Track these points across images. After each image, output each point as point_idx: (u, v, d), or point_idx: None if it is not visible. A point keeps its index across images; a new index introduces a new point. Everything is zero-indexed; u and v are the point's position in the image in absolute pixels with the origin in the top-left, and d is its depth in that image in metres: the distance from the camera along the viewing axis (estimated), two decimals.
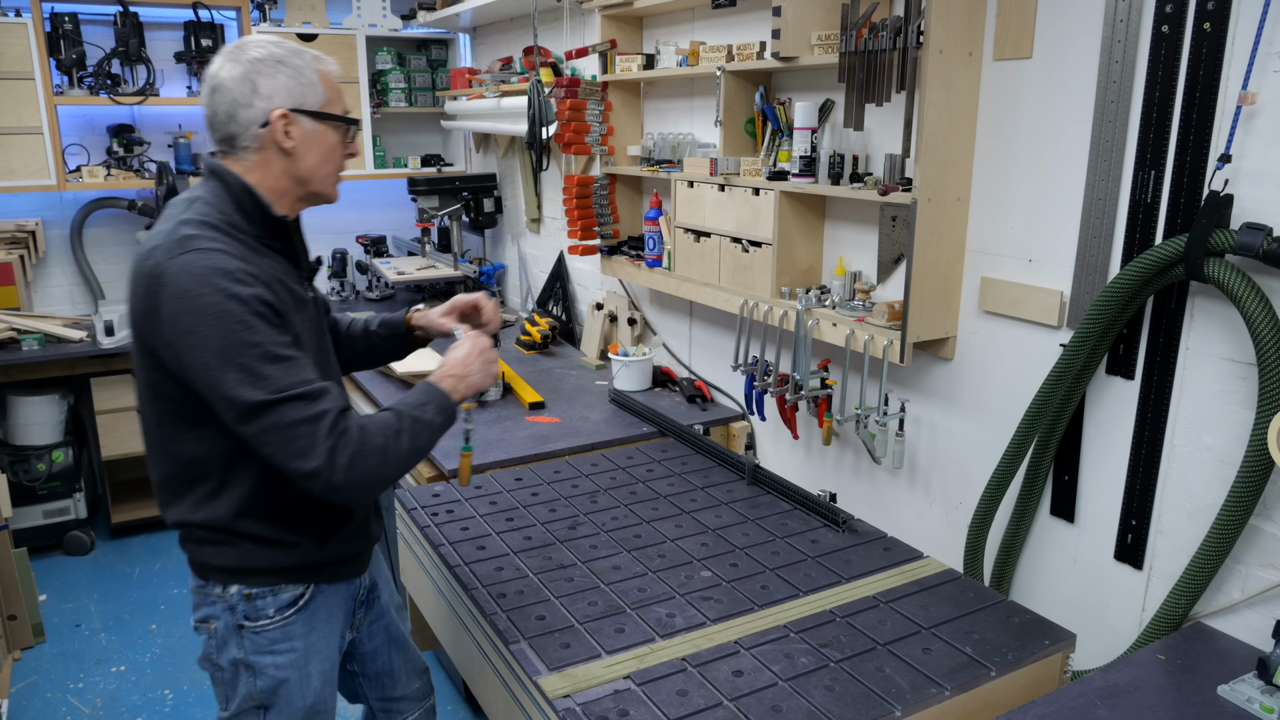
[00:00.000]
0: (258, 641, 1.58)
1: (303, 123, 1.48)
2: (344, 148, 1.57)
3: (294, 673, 1.61)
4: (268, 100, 1.44)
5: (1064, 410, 1.96)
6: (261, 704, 1.61)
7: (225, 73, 1.44)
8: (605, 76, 3.16)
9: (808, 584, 1.92)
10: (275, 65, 1.45)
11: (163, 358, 1.41)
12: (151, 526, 4.19)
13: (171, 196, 3.92)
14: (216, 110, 1.46)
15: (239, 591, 1.55)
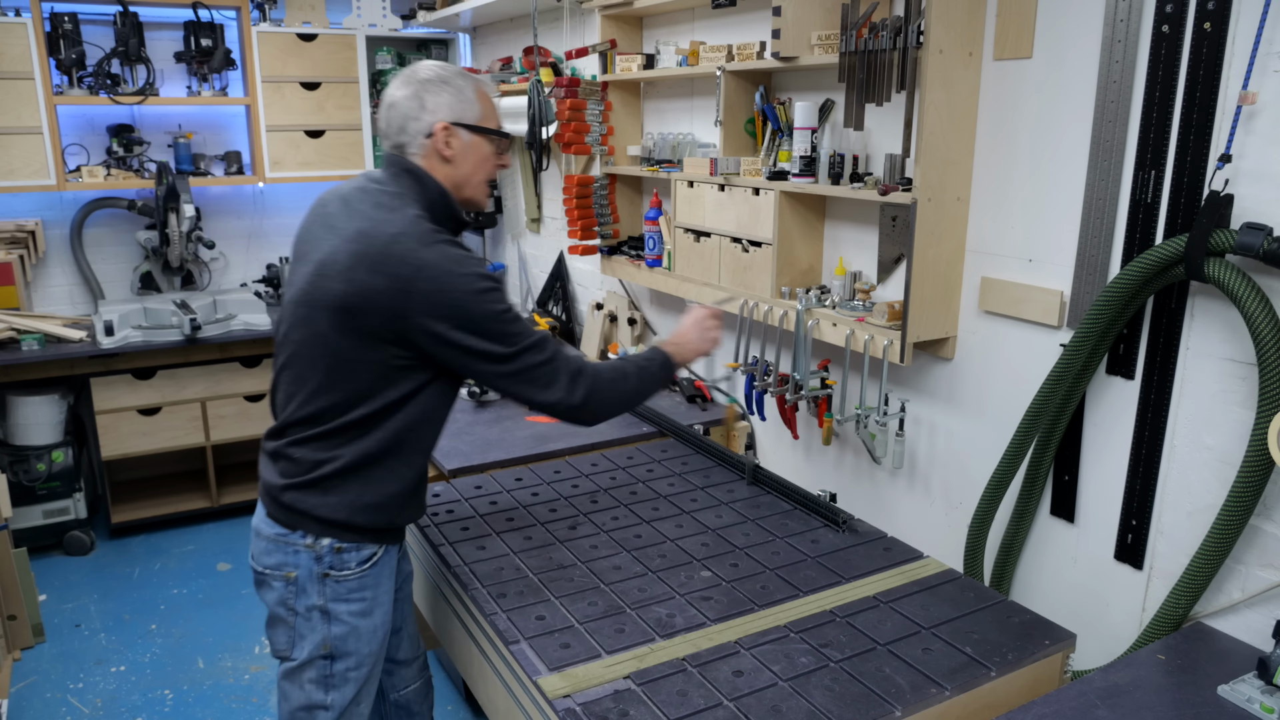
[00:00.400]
0: (338, 590, 1.74)
1: (461, 134, 1.71)
2: (496, 159, 1.79)
3: (364, 621, 1.77)
4: (433, 114, 1.69)
5: (1064, 410, 1.96)
6: (331, 652, 1.75)
7: (399, 93, 1.70)
8: (605, 76, 3.16)
9: (808, 584, 1.92)
10: (440, 85, 1.70)
11: (400, 325, 1.60)
12: (151, 526, 4.19)
13: (171, 196, 3.96)
14: (390, 123, 1.71)
15: (331, 544, 1.72)
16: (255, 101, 4.31)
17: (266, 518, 1.76)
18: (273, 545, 1.74)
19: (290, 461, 1.72)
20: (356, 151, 4.58)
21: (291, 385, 1.72)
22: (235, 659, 3.18)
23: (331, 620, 1.74)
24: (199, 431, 4.08)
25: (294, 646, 1.76)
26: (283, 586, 1.74)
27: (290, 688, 1.78)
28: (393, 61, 4.81)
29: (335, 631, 1.74)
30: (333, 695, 1.77)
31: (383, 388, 1.66)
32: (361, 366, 1.64)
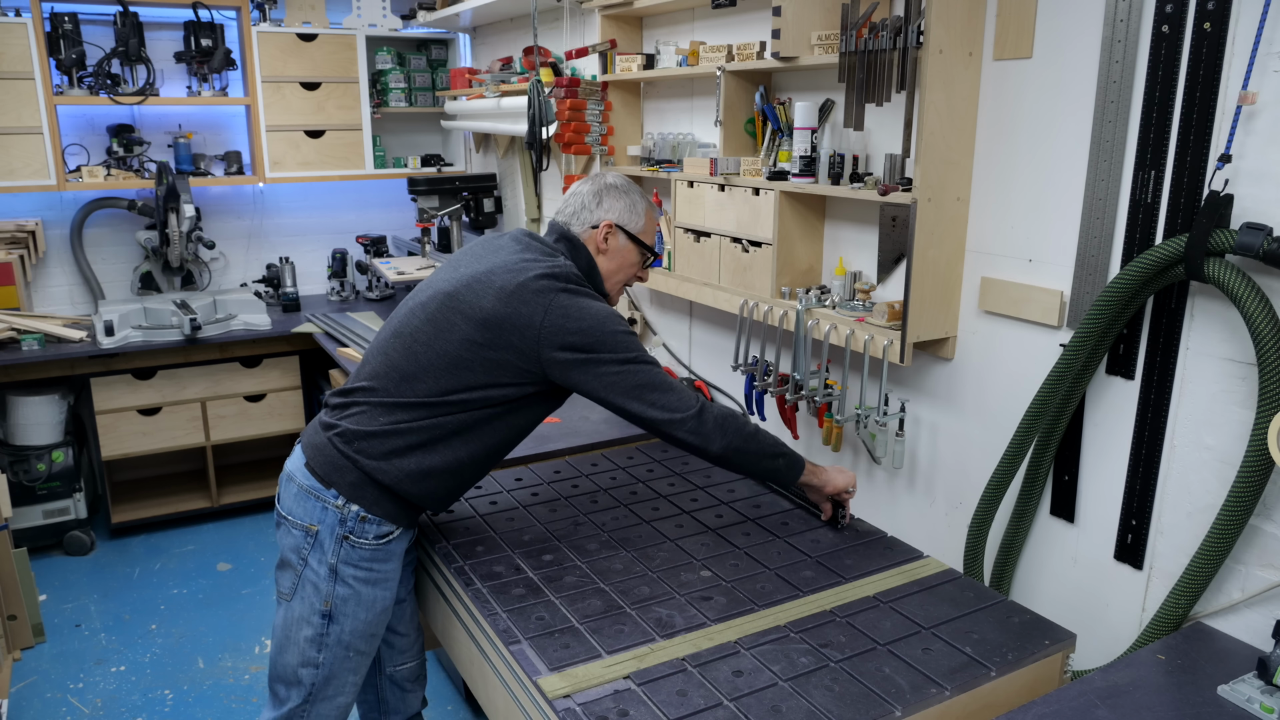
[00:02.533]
0: (352, 554, 1.86)
1: (619, 236, 2.03)
2: (638, 270, 2.09)
3: (366, 590, 1.89)
4: (605, 212, 2.02)
5: (1064, 410, 1.96)
6: (330, 611, 1.88)
7: (584, 188, 2.04)
8: (605, 76, 3.16)
9: (808, 584, 1.92)
10: (620, 193, 2.04)
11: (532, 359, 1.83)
12: (151, 526, 4.19)
13: (171, 196, 3.97)
14: (568, 205, 2.03)
15: (358, 511, 1.85)
16: (255, 101, 4.31)
17: (304, 467, 1.88)
18: (303, 495, 1.87)
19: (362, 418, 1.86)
20: (356, 151, 4.58)
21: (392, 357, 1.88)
22: (235, 659, 3.18)
23: (338, 580, 1.86)
24: (199, 431, 4.08)
25: (295, 593, 1.89)
26: (301, 535, 1.88)
27: (286, 643, 1.90)
28: (393, 61, 4.81)
29: (339, 592, 1.86)
30: (324, 655, 1.89)
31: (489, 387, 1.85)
32: (478, 367, 1.83)
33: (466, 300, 1.85)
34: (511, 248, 1.94)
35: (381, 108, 4.75)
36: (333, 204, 4.90)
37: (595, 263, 2.01)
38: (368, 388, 1.89)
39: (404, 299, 1.98)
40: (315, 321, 4.14)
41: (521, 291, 1.82)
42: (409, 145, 5.09)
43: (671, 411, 1.85)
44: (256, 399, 4.16)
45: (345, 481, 1.85)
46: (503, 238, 2.01)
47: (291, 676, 1.91)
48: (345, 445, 1.86)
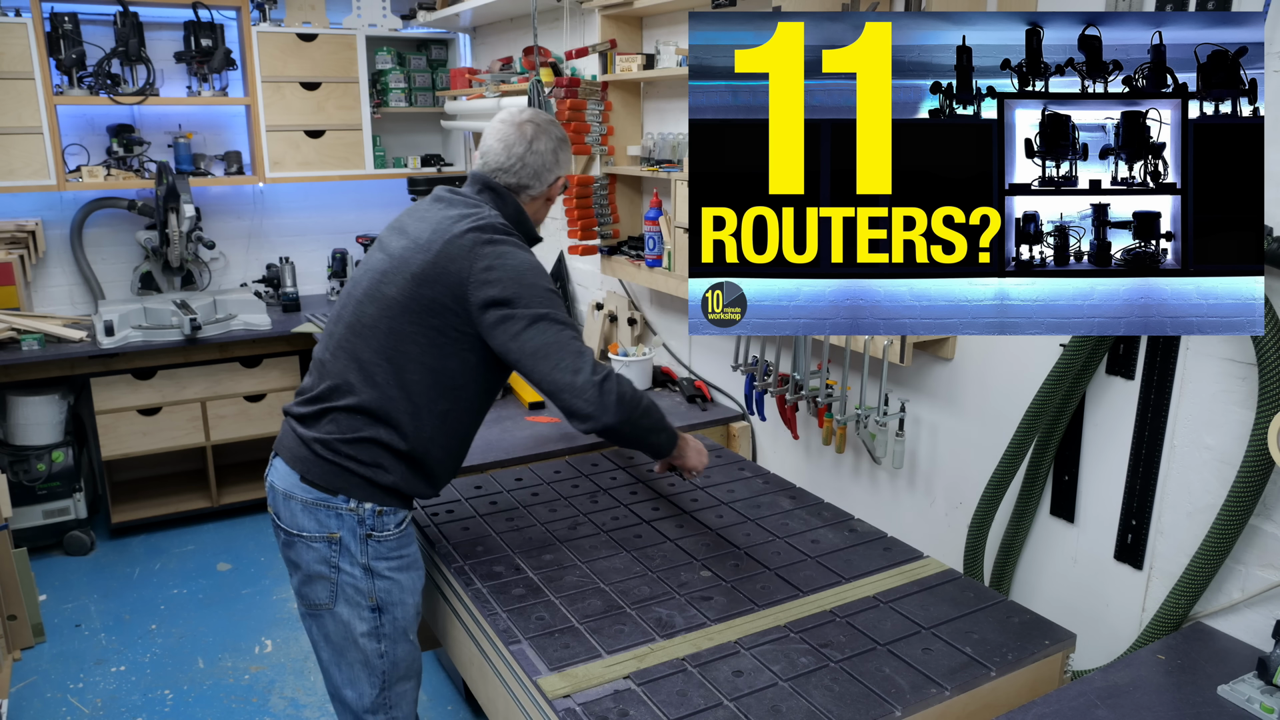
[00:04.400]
0: (379, 549, 1.87)
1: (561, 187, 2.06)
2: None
3: (404, 576, 1.91)
4: (563, 169, 2.01)
5: (1064, 410, 1.96)
6: (378, 604, 1.88)
7: (542, 145, 1.96)
8: (605, 76, 3.16)
9: (808, 584, 1.92)
10: (564, 145, 2.01)
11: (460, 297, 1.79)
12: (151, 526, 4.19)
13: (171, 196, 3.96)
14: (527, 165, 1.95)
15: (373, 508, 1.85)
16: (255, 101, 4.31)
17: (301, 482, 1.85)
18: (309, 509, 1.85)
19: (340, 423, 1.84)
20: (356, 151, 4.58)
21: (350, 353, 1.85)
22: (235, 659, 3.18)
23: (375, 576, 1.87)
24: (199, 431, 4.08)
25: (335, 599, 1.88)
26: (324, 546, 1.86)
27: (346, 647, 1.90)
28: (393, 61, 4.81)
29: (380, 586, 1.88)
30: (385, 644, 1.91)
31: (441, 363, 1.83)
32: (421, 337, 1.81)
33: (399, 275, 1.83)
34: (433, 210, 1.92)
35: (381, 108, 4.75)
36: (333, 204, 4.90)
37: (521, 209, 1.97)
38: (335, 388, 1.85)
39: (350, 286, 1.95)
40: (315, 321, 4.14)
41: (448, 249, 1.80)
42: (409, 145, 5.09)
43: (575, 374, 1.78)
44: (256, 399, 4.16)
45: (350, 485, 1.84)
46: (423, 202, 1.99)
47: (358, 676, 1.91)
48: (334, 454, 1.83)
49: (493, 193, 1.95)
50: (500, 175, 1.95)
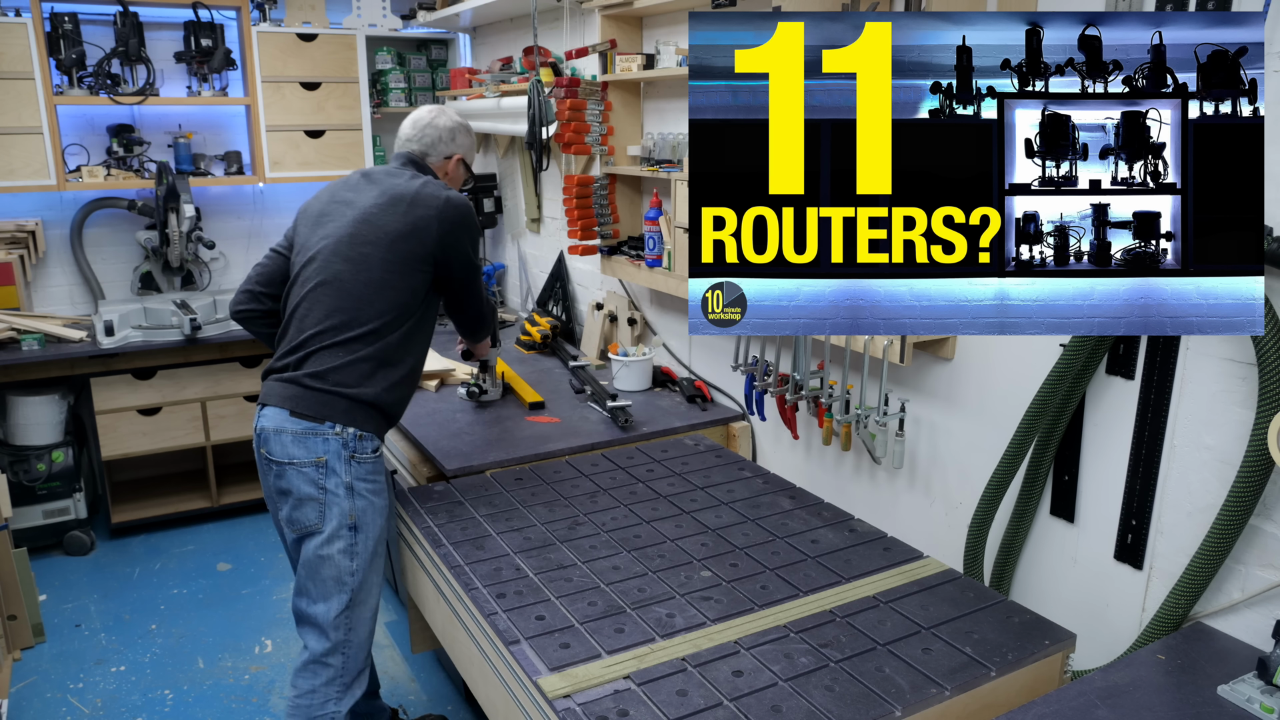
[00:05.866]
0: (360, 470, 2.11)
1: (460, 167, 2.46)
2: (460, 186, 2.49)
3: (377, 499, 2.15)
4: (458, 147, 2.43)
5: (1064, 410, 1.96)
6: (355, 523, 2.10)
7: (443, 122, 2.40)
8: (605, 76, 3.16)
9: (808, 584, 1.92)
10: (466, 131, 2.46)
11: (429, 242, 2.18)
12: (151, 526, 4.19)
13: (171, 196, 3.96)
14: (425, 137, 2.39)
15: (355, 432, 2.10)
16: (255, 101, 4.31)
17: (291, 416, 2.09)
18: (299, 438, 2.08)
19: (325, 358, 2.11)
20: (356, 151, 4.58)
21: (328, 303, 2.13)
22: (235, 659, 3.18)
23: (355, 495, 2.10)
24: (199, 431, 4.08)
25: (323, 519, 2.08)
26: (313, 470, 2.07)
27: (321, 564, 2.08)
28: (393, 61, 4.81)
29: (359, 504, 2.10)
30: (357, 563, 2.11)
31: (407, 300, 2.17)
32: (400, 286, 2.16)
33: (372, 231, 2.17)
34: (382, 177, 2.28)
35: (381, 108, 4.75)
36: None
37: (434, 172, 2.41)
38: (318, 333, 2.13)
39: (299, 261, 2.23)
40: None
41: (418, 198, 2.19)
42: None
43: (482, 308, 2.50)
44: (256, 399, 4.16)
45: (338, 410, 2.10)
46: (354, 176, 2.33)
47: (329, 592, 2.09)
48: (322, 383, 2.09)
49: (411, 162, 2.37)
50: (408, 145, 2.39)
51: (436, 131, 2.39)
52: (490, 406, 3.04)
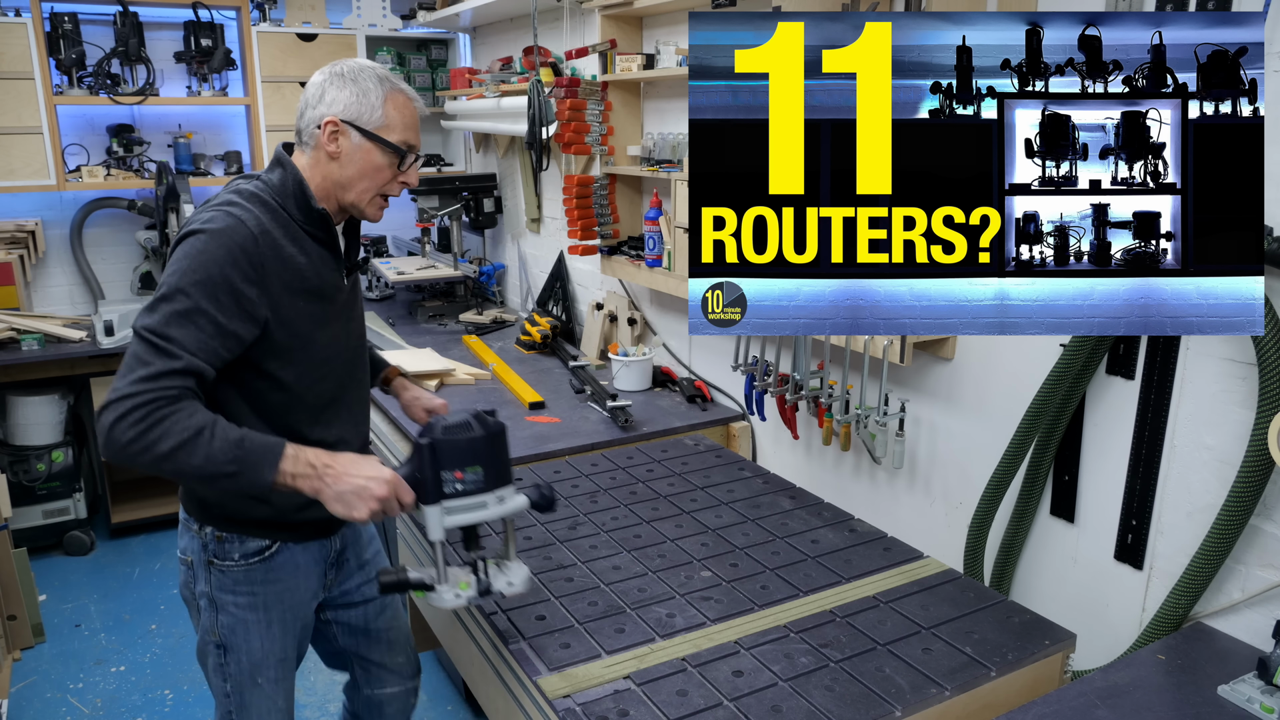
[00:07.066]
0: (223, 580, 1.71)
1: (351, 136, 1.63)
2: (392, 172, 1.67)
3: (253, 615, 1.73)
4: (328, 107, 1.62)
5: (1064, 410, 1.96)
6: (221, 642, 1.74)
7: (315, 79, 1.66)
8: (605, 76, 3.16)
9: (808, 584, 1.92)
10: (346, 81, 1.63)
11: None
12: (151, 526, 4.18)
13: (171, 196, 3.96)
14: (298, 106, 1.67)
15: (211, 532, 1.69)
16: (255, 101, 4.31)
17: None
18: (181, 528, 1.76)
19: None
20: None
21: None
22: None
23: (219, 609, 1.72)
24: None
25: (197, 628, 1.79)
26: (184, 570, 1.76)
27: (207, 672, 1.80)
28: (393, 61, 4.81)
29: (223, 620, 1.73)
30: (230, 685, 1.76)
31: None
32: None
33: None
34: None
35: None
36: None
37: (302, 181, 1.64)
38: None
39: None
40: None
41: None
42: None
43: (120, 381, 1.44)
44: None
45: (192, 504, 1.71)
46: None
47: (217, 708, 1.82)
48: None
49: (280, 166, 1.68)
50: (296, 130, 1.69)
51: (304, 95, 1.65)
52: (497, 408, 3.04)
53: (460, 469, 1.56)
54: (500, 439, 1.61)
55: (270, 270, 1.56)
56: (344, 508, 1.51)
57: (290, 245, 1.60)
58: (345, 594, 1.94)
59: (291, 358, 1.62)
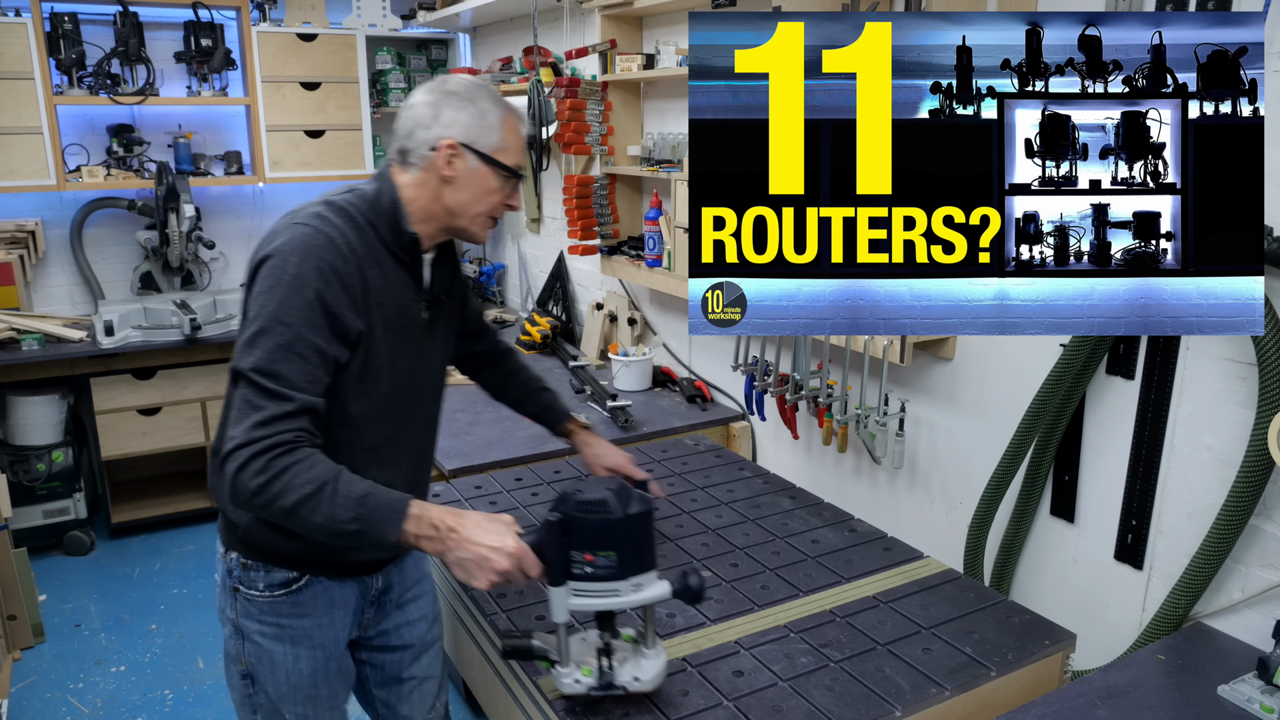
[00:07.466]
0: (248, 608, 1.61)
1: (468, 158, 1.55)
2: (502, 195, 1.61)
3: (279, 648, 1.62)
4: (445, 128, 1.53)
5: (1064, 410, 1.96)
6: (248, 671, 1.64)
7: (420, 98, 1.56)
8: (605, 76, 3.16)
9: (808, 584, 1.92)
10: (463, 101, 1.55)
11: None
12: (151, 526, 4.18)
13: (171, 196, 3.96)
14: (402, 125, 1.57)
15: (237, 558, 1.60)
16: (255, 101, 4.31)
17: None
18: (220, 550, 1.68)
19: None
20: (356, 151, 4.58)
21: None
22: None
23: (245, 638, 1.62)
24: (199, 431, 4.08)
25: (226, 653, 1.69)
26: (217, 588, 1.68)
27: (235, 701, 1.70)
28: (393, 61, 4.81)
29: (249, 650, 1.63)
30: (261, 715, 1.66)
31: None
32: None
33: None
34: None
35: (381, 108, 4.75)
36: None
37: (398, 201, 1.54)
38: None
39: None
40: None
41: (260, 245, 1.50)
42: None
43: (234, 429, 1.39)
44: None
45: (225, 527, 1.62)
46: None
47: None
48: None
49: (379, 181, 1.58)
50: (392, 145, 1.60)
51: (413, 113, 1.55)
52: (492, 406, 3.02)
53: (591, 551, 1.42)
54: (642, 522, 1.45)
55: (357, 290, 1.48)
56: (464, 574, 1.44)
57: (373, 266, 1.51)
58: (382, 634, 1.77)
59: (363, 388, 1.52)
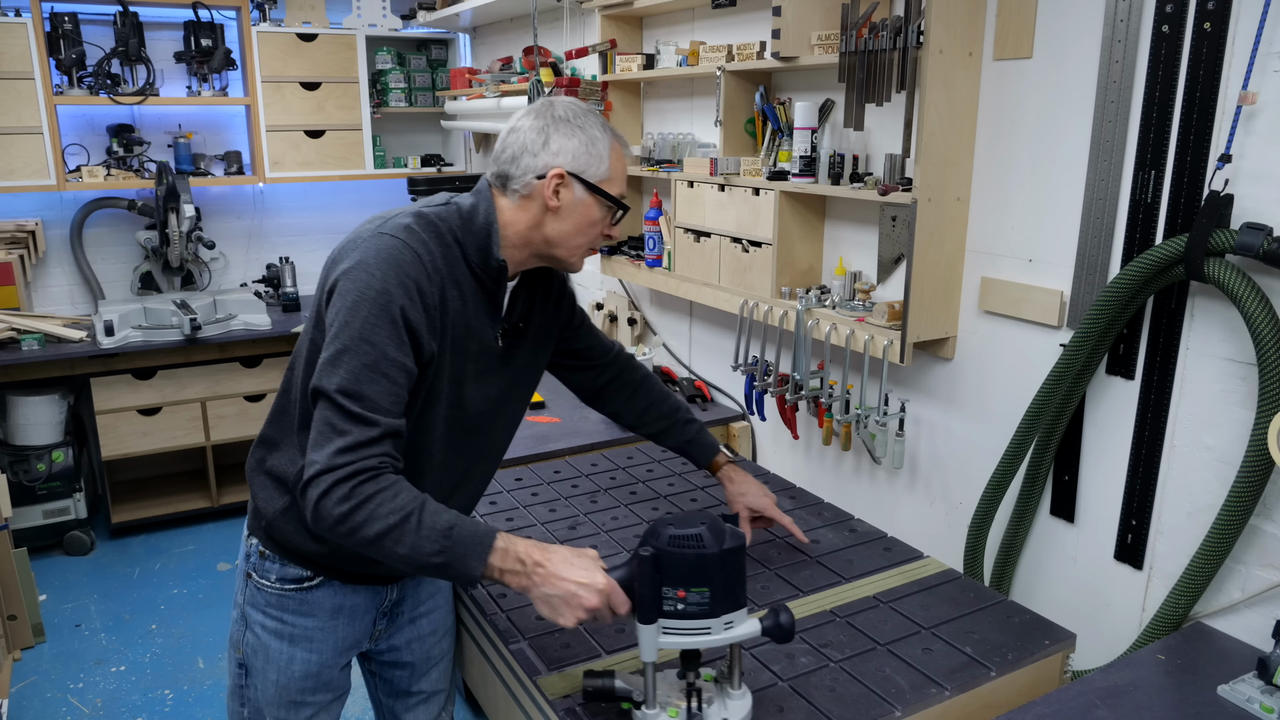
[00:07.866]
0: (255, 597, 1.59)
1: (575, 189, 1.49)
2: (604, 226, 1.55)
3: (275, 644, 1.59)
4: (553, 157, 1.47)
5: (1064, 410, 1.96)
6: (244, 661, 1.62)
7: (527, 122, 1.50)
8: (605, 76, 3.16)
9: (808, 584, 1.92)
10: (573, 129, 1.48)
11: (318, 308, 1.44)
12: (151, 526, 4.19)
13: (171, 196, 3.97)
14: (506, 148, 1.50)
15: (256, 546, 1.59)
16: (255, 101, 4.31)
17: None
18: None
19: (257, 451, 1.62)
20: (356, 152, 4.58)
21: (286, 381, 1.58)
22: None
23: (248, 626, 1.60)
24: (199, 431, 4.08)
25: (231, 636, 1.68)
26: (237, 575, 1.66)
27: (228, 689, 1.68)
28: (393, 61, 4.81)
29: (249, 639, 1.60)
30: (248, 710, 1.64)
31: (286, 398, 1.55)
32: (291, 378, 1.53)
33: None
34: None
35: (381, 108, 4.75)
36: (333, 204, 4.90)
37: (492, 225, 1.49)
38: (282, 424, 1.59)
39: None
40: None
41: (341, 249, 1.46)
42: (409, 145, 5.09)
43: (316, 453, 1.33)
44: (256, 399, 4.16)
45: (255, 508, 1.58)
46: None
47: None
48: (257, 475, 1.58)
49: (477, 199, 1.52)
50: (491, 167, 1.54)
51: (519, 138, 1.49)
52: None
53: (684, 587, 1.36)
54: (735, 557, 1.38)
55: (436, 310, 1.42)
56: (550, 611, 1.38)
57: (452, 287, 1.45)
58: (393, 649, 1.75)
59: (421, 410, 1.47)
